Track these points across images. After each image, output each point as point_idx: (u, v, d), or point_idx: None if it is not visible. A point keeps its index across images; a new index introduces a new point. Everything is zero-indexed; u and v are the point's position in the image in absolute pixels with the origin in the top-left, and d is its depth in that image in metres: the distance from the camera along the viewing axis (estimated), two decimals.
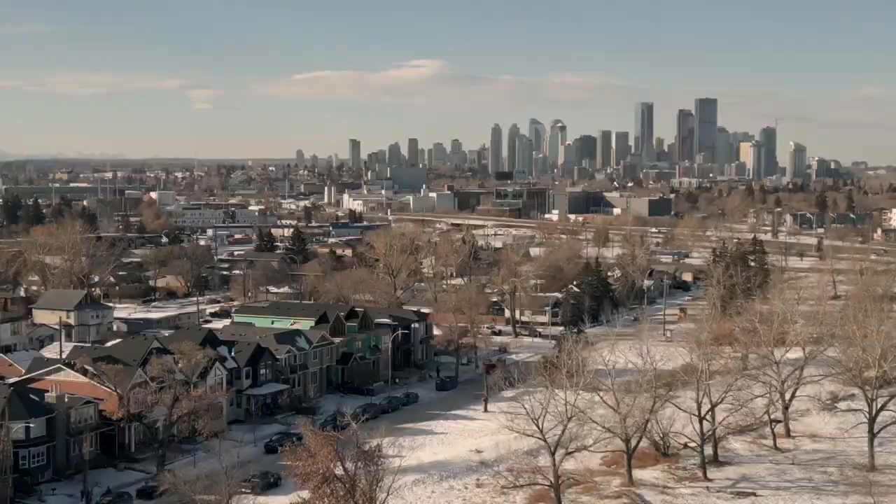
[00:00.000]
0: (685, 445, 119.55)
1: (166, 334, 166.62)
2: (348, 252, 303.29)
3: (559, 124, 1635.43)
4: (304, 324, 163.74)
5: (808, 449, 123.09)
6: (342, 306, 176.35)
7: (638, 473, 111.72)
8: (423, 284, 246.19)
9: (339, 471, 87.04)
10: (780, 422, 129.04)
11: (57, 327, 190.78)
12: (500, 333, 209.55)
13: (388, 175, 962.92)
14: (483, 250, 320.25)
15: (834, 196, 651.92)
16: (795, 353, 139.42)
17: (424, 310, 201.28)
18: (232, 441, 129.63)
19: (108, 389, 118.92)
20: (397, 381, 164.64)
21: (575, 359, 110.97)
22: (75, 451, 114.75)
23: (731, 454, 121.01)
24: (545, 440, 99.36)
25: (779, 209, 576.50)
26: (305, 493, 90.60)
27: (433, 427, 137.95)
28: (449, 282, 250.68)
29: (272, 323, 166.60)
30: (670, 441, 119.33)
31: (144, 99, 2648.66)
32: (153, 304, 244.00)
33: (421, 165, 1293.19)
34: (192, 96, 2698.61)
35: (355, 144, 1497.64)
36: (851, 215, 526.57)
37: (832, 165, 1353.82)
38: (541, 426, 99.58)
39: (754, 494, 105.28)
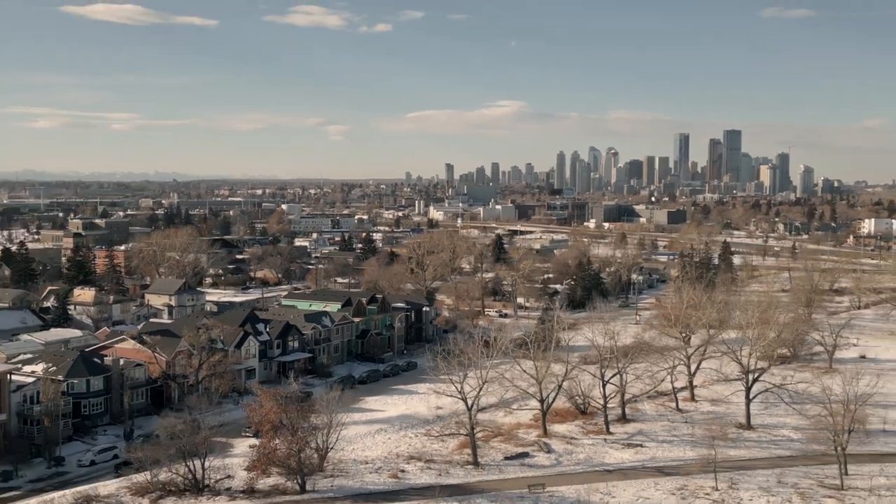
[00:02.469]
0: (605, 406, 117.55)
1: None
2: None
3: (612, 151, 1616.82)
4: (333, 306, 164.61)
5: (704, 411, 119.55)
6: (366, 293, 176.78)
7: (556, 427, 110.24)
8: (458, 276, 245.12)
9: (285, 420, 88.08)
10: (686, 388, 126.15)
11: (161, 307, 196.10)
12: (506, 316, 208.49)
13: (465, 191, 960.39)
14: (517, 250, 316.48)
15: (823, 208, 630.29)
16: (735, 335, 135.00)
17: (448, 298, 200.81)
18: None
19: (152, 355, 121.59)
20: (405, 352, 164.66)
21: (494, 333, 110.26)
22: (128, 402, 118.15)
23: (640, 413, 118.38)
24: (464, 400, 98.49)
25: (776, 219, 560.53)
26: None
27: (418, 388, 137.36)
28: (481, 275, 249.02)
29: (310, 306, 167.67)
30: (589, 402, 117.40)
31: (292, 132, 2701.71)
32: (248, 290, 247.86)
33: (490, 184, 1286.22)
34: (329, 130, 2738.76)
35: (450, 167, 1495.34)
36: (833, 224, 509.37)
37: (836, 184, 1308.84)
38: (461, 389, 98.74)
39: (641, 445, 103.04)
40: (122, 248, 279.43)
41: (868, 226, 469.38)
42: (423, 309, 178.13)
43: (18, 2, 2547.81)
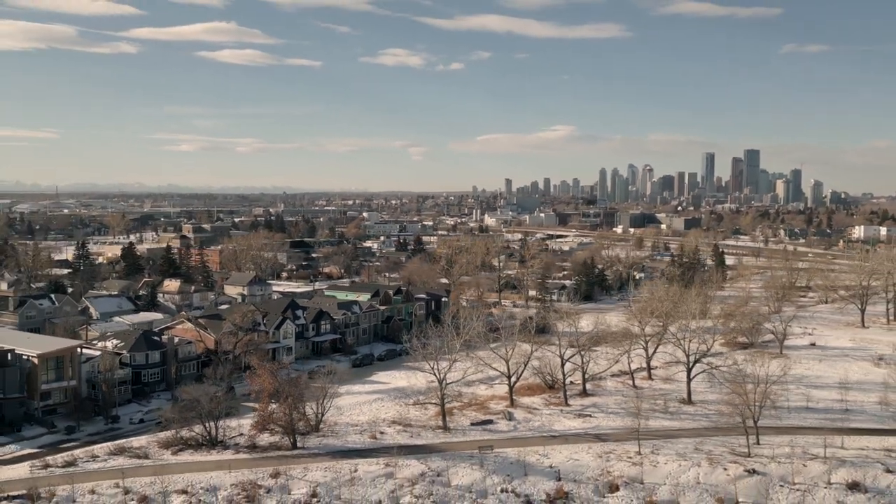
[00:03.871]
0: (571, 382, 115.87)
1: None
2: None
3: (648, 167, 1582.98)
4: (364, 296, 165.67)
5: (657, 388, 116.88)
6: (394, 285, 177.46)
7: (524, 399, 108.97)
8: (485, 273, 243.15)
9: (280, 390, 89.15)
10: (644, 369, 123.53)
11: (235, 296, 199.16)
12: (519, 307, 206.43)
13: (515, 201, 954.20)
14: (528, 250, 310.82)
15: (822, 217, 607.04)
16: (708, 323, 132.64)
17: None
18: (288, 370, 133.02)
19: (203, 334, 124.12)
20: (422, 335, 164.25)
21: (463, 318, 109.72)
22: (180, 373, 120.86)
23: (601, 389, 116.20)
24: (436, 375, 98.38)
25: (781, 226, 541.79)
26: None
27: (423, 365, 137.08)
28: (498, 272, 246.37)
29: (346, 296, 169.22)
30: (557, 379, 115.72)
31: (381, 153, 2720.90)
32: (313, 283, 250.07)
33: (537, 196, 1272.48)
34: (411, 151, 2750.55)
35: (509, 182, 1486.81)
36: (828, 230, 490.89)
37: (843, 195, 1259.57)
38: (434, 366, 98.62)
39: (590, 416, 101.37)
40: (217, 247, 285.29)
41: (858, 232, 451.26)
42: (442, 299, 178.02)
43: (167, 51, 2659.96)
